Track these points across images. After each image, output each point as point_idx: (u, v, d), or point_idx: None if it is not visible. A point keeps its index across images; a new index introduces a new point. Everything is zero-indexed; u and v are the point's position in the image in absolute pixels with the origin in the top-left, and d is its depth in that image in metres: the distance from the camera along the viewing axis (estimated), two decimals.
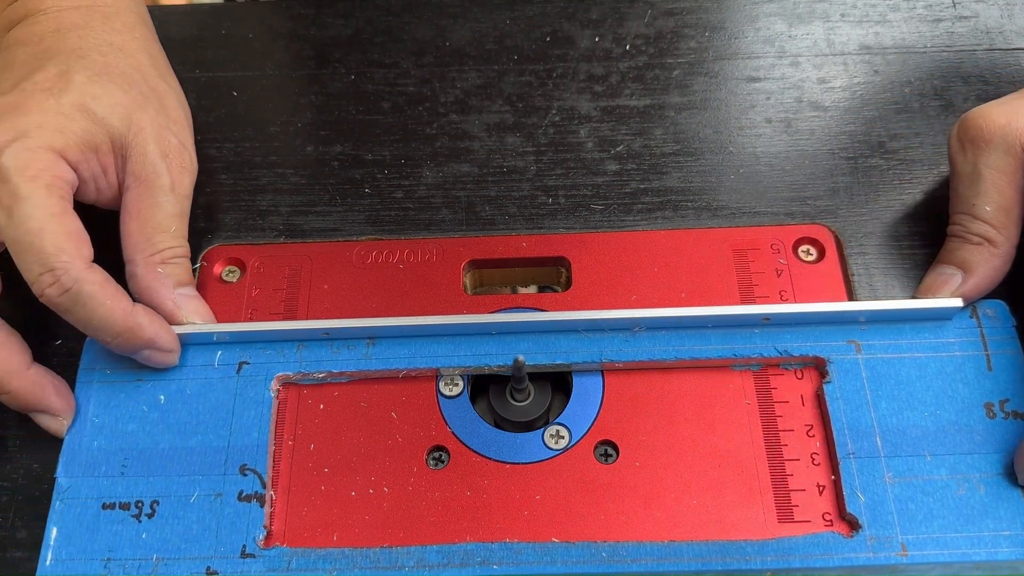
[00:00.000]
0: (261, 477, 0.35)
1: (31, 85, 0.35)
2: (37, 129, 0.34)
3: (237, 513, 0.34)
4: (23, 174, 0.33)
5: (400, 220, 0.42)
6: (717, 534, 0.33)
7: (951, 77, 0.45)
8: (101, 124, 0.36)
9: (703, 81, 0.46)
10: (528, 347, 0.37)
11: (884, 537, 0.33)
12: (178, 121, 0.40)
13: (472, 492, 0.35)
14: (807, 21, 0.48)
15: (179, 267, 0.37)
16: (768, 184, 0.42)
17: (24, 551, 0.34)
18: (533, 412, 0.37)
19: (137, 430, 0.36)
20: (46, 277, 0.33)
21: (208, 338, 0.37)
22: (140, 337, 0.35)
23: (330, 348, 0.37)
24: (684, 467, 0.35)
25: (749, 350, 0.36)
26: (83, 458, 0.35)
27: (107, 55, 0.38)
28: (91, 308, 0.33)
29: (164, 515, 0.34)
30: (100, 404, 0.36)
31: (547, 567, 0.32)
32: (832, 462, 0.34)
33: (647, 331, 0.37)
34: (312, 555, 0.33)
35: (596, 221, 0.41)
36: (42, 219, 0.33)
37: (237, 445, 0.35)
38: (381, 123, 0.45)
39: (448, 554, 0.33)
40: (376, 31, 0.48)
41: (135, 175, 0.36)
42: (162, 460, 0.35)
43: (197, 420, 0.36)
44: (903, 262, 0.40)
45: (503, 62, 0.47)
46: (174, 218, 0.37)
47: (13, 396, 0.34)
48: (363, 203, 0.42)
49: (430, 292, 0.39)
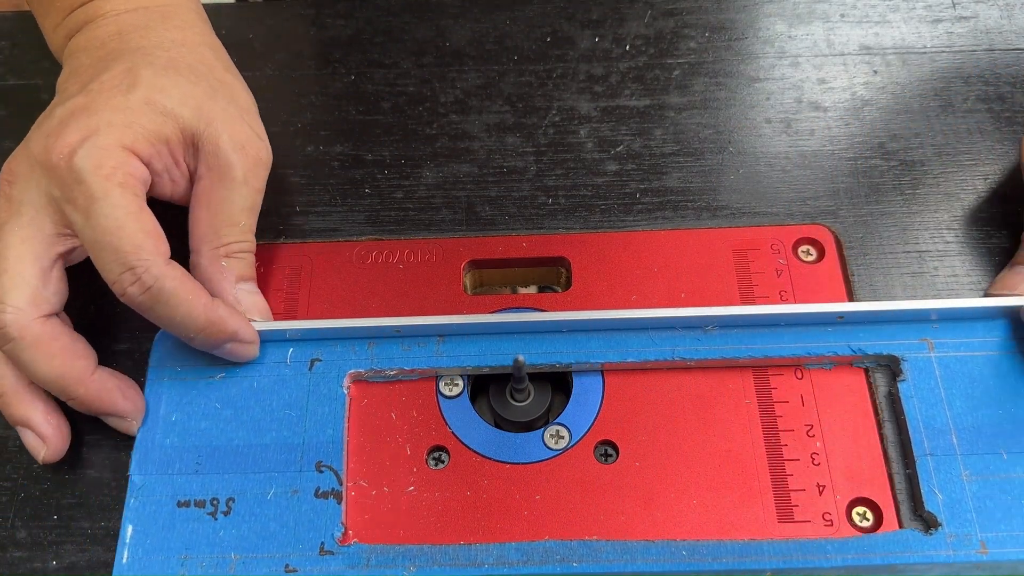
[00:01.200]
0: (337, 474, 0.34)
1: (98, 85, 0.35)
2: (107, 127, 0.34)
3: (314, 510, 0.34)
4: (97, 173, 0.33)
5: (400, 220, 0.42)
6: (717, 534, 0.33)
7: (951, 77, 0.45)
8: (171, 116, 0.35)
9: (703, 81, 0.46)
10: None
11: (963, 535, 0.33)
12: (249, 111, 0.39)
13: (472, 492, 0.35)
14: (807, 21, 0.48)
15: (243, 262, 0.37)
16: (768, 184, 0.42)
17: (24, 551, 0.34)
18: (533, 412, 0.37)
19: (210, 427, 0.36)
20: (127, 276, 0.32)
21: (281, 335, 0.37)
22: (223, 331, 0.35)
23: (401, 345, 0.37)
24: (684, 467, 0.35)
25: (824, 348, 0.36)
26: (156, 456, 0.35)
27: (171, 51, 0.38)
28: (173, 305, 0.33)
29: (240, 512, 0.34)
30: (171, 402, 0.36)
31: (627, 565, 0.32)
32: (908, 460, 0.34)
33: (718, 329, 0.37)
34: (391, 551, 0.33)
35: (596, 221, 0.41)
36: (120, 218, 0.32)
37: (312, 442, 0.35)
38: (381, 123, 0.45)
39: (528, 551, 0.33)
40: (376, 31, 0.48)
41: (207, 165, 0.36)
42: (237, 457, 0.35)
43: (271, 417, 0.36)
44: (903, 262, 0.40)
45: (503, 62, 0.47)
46: (244, 212, 0.37)
47: (79, 401, 0.34)
48: (363, 203, 0.42)
49: (430, 292, 0.39)
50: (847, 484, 0.34)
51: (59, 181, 0.33)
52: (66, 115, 0.34)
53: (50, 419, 0.35)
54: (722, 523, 0.34)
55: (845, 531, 0.33)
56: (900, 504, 0.34)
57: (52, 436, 0.35)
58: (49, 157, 0.33)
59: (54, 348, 0.33)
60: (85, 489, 0.36)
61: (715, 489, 0.34)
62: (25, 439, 0.35)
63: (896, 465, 0.35)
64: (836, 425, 0.35)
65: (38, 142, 0.34)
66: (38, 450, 0.35)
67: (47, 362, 0.33)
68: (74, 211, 0.33)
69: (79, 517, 0.35)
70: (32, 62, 0.48)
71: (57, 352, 0.33)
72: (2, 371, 0.34)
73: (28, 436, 0.35)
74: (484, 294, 0.40)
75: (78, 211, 0.33)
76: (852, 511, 0.34)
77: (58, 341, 0.33)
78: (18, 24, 0.50)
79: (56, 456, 0.35)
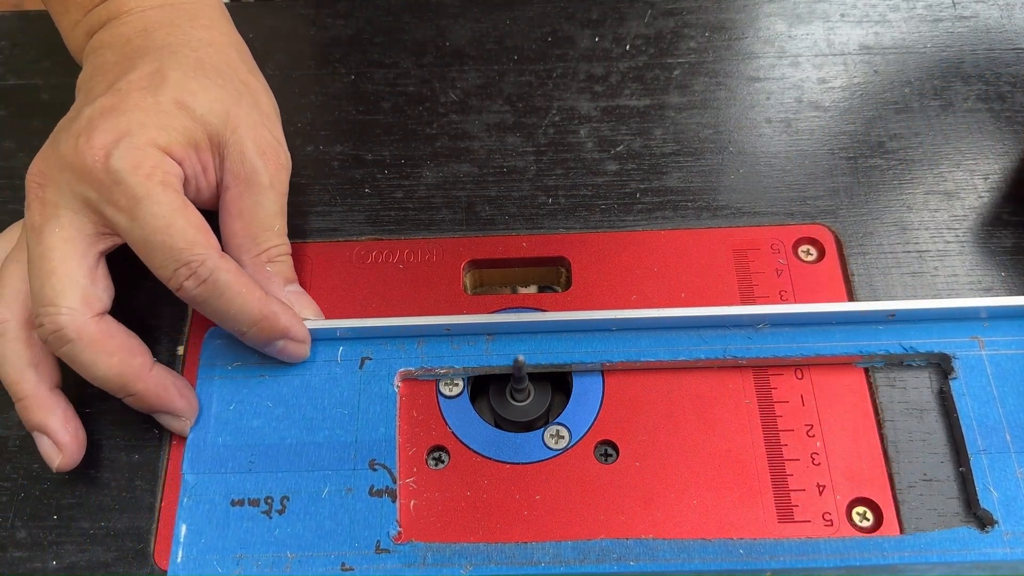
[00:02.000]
0: (391, 472, 0.34)
1: (126, 84, 0.35)
2: (139, 127, 0.33)
3: (369, 508, 0.34)
4: (137, 173, 0.32)
5: (400, 220, 0.42)
6: (717, 534, 0.33)
7: (951, 77, 0.45)
8: (200, 121, 0.35)
9: (703, 81, 0.46)
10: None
11: (1019, 532, 0.33)
12: (271, 117, 0.39)
13: (472, 492, 0.35)
14: (807, 21, 0.48)
15: (284, 264, 0.37)
16: (768, 184, 0.42)
17: (24, 551, 0.34)
18: (533, 412, 0.37)
19: (263, 425, 0.36)
20: (182, 271, 0.32)
21: (331, 333, 0.37)
22: (276, 326, 0.35)
23: (450, 344, 0.37)
24: (684, 467, 0.35)
25: (875, 347, 0.36)
26: (208, 454, 0.35)
27: (198, 50, 0.37)
28: (228, 298, 0.33)
29: (295, 511, 0.34)
30: (223, 400, 0.36)
31: (684, 564, 0.32)
32: (961, 458, 0.34)
33: (770, 327, 0.37)
34: (447, 550, 0.33)
35: (596, 221, 0.41)
36: (167, 215, 0.32)
37: (365, 440, 0.35)
38: (381, 123, 0.45)
39: (584, 550, 0.33)
40: (376, 31, 0.48)
41: (234, 174, 0.36)
42: (290, 455, 0.35)
43: (323, 415, 0.36)
44: (903, 262, 0.40)
45: (503, 62, 0.47)
46: (276, 216, 0.37)
47: (138, 398, 0.34)
48: (363, 203, 0.42)
49: (430, 292, 0.39)
50: (847, 484, 0.34)
51: (96, 184, 0.33)
52: (95, 115, 0.34)
53: (68, 426, 0.34)
54: (722, 523, 0.34)
55: (845, 531, 0.33)
56: (953, 502, 0.34)
57: (69, 444, 0.34)
58: (83, 160, 0.33)
59: (112, 346, 0.33)
60: (85, 489, 0.36)
61: (715, 489, 0.34)
62: (41, 445, 0.34)
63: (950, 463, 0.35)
64: (836, 425, 0.35)
65: (68, 143, 0.33)
66: (53, 458, 0.34)
67: (106, 360, 0.33)
68: (117, 212, 0.33)
69: (79, 517, 0.35)
70: (32, 62, 0.48)
71: (115, 350, 0.33)
72: (25, 374, 0.34)
73: (44, 443, 0.34)
74: (484, 294, 0.40)
75: (122, 212, 0.32)
76: (852, 511, 0.34)
77: (114, 339, 0.33)
78: (18, 24, 0.50)
79: (70, 465, 0.34)
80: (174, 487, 0.35)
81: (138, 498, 0.35)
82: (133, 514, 0.35)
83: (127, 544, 0.35)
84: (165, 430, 0.36)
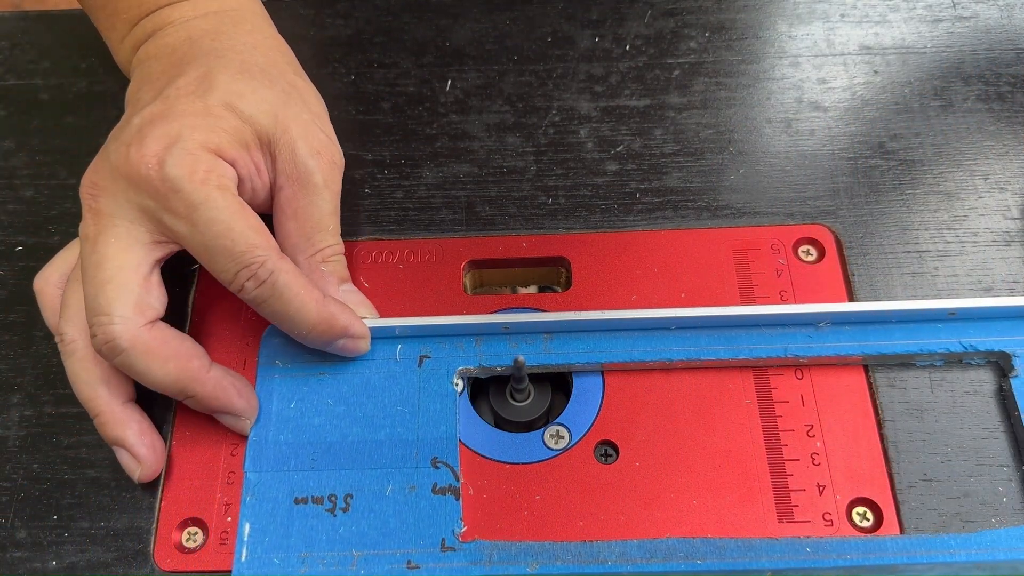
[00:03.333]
0: (454, 470, 0.34)
1: (174, 91, 0.35)
2: (190, 131, 0.33)
3: (433, 506, 0.34)
4: (192, 179, 0.32)
5: (400, 220, 0.42)
6: (717, 534, 0.33)
7: (951, 77, 0.45)
8: (249, 122, 0.35)
9: (703, 81, 0.46)
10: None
11: None
12: (320, 116, 0.39)
13: (472, 492, 0.35)
14: (807, 21, 0.48)
15: (339, 264, 0.37)
16: (768, 184, 0.42)
17: (24, 551, 0.34)
18: (533, 412, 0.37)
19: (324, 423, 0.35)
20: (243, 274, 0.33)
21: (390, 331, 0.37)
22: (335, 327, 0.35)
23: (508, 342, 0.37)
24: (684, 467, 0.35)
25: (935, 345, 0.36)
26: (271, 452, 0.35)
27: (243, 54, 0.37)
28: (287, 299, 0.33)
29: (359, 509, 0.34)
30: (283, 399, 0.36)
31: (752, 563, 0.32)
32: (1022, 457, 0.35)
33: (831, 326, 0.37)
34: (512, 548, 0.33)
35: (596, 221, 0.41)
36: (226, 220, 0.32)
37: (426, 438, 0.35)
38: (381, 123, 0.45)
39: (650, 549, 0.32)
40: (376, 31, 0.48)
41: (286, 174, 0.36)
42: (352, 453, 0.35)
43: (384, 413, 0.36)
44: (903, 262, 0.40)
45: (503, 62, 0.47)
46: (330, 216, 0.37)
47: (197, 400, 0.34)
48: (363, 203, 0.42)
49: (430, 292, 0.39)
50: (847, 484, 0.34)
51: (152, 192, 0.33)
52: (144, 123, 0.34)
53: (144, 439, 0.34)
54: (722, 523, 0.34)
55: (845, 531, 0.33)
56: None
57: (146, 456, 0.34)
58: (137, 169, 0.33)
59: (167, 352, 0.33)
60: (85, 489, 0.36)
61: (715, 489, 0.34)
62: (120, 458, 0.35)
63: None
64: (836, 425, 0.35)
65: (119, 153, 0.33)
66: (133, 470, 0.34)
67: (162, 367, 0.33)
68: (176, 220, 0.33)
69: (79, 517, 0.35)
70: (32, 62, 0.48)
71: (171, 356, 0.33)
72: (98, 391, 0.34)
73: (123, 455, 0.34)
74: (484, 294, 0.40)
75: (180, 219, 0.33)
76: (852, 511, 0.34)
77: (168, 345, 0.33)
78: (18, 24, 0.50)
79: (151, 476, 0.35)
80: (174, 487, 0.35)
81: (138, 498, 0.35)
82: (133, 514, 0.35)
83: (127, 544, 0.35)
84: (165, 430, 0.36)
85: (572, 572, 0.32)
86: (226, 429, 0.36)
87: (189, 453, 0.36)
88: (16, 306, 0.40)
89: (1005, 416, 0.36)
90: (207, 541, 0.34)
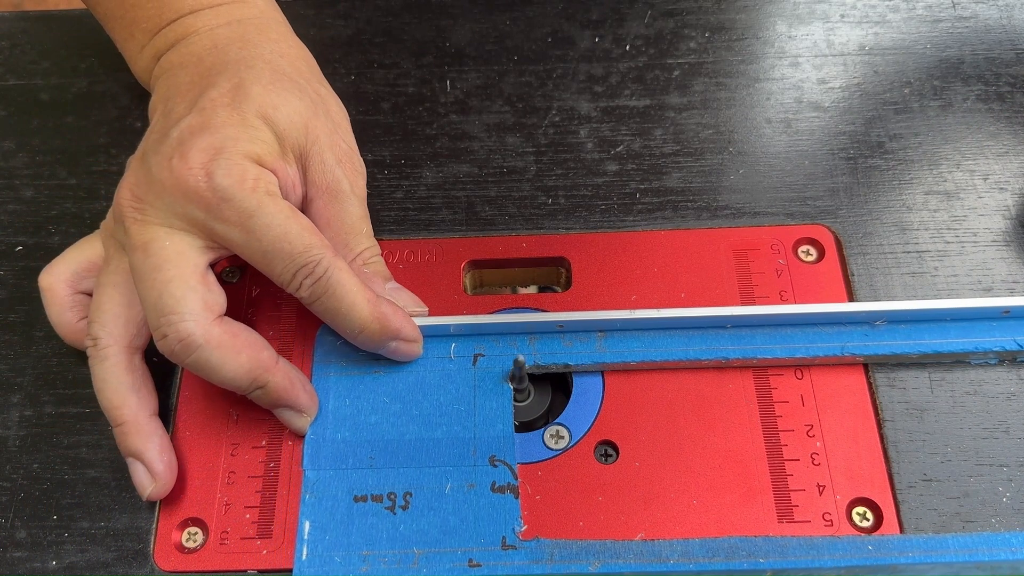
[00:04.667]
0: (512, 468, 0.34)
1: (209, 103, 0.35)
2: (232, 142, 0.33)
3: (492, 504, 0.34)
4: (242, 188, 0.33)
5: (400, 220, 0.42)
6: (718, 534, 0.33)
7: (951, 77, 0.45)
8: (283, 135, 0.35)
9: (703, 81, 0.46)
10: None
11: None
12: (342, 125, 0.39)
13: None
14: (807, 21, 0.48)
15: (380, 264, 0.37)
16: (768, 184, 0.42)
17: (24, 551, 0.34)
18: (533, 412, 0.37)
19: (381, 421, 0.36)
20: (301, 272, 0.33)
21: (444, 330, 0.37)
22: (388, 327, 0.35)
23: (562, 340, 0.37)
24: (684, 467, 0.35)
25: (989, 344, 0.36)
26: (329, 451, 0.35)
27: (272, 63, 0.37)
28: (340, 294, 0.33)
29: (419, 507, 0.34)
30: (339, 397, 0.36)
31: (814, 561, 0.32)
32: None
33: (886, 323, 0.37)
34: (573, 547, 0.33)
35: (596, 221, 0.41)
36: (281, 224, 0.33)
37: (483, 436, 0.35)
38: (381, 123, 0.45)
39: (713, 548, 0.32)
40: (376, 31, 0.48)
41: (317, 185, 0.36)
42: (410, 451, 0.35)
43: (440, 411, 0.36)
44: (903, 262, 0.40)
45: (503, 62, 0.47)
46: (363, 220, 0.37)
47: (267, 391, 0.34)
48: None
49: (430, 292, 0.39)
50: (847, 484, 0.34)
51: (202, 203, 0.33)
52: (184, 136, 0.34)
53: (163, 456, 0.34)
54: (722, 523, 0.34)
55: (845, 531, 0.33)
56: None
57: (162, 474, 0.34)
58: (184, 181, 0.32)
59: (239, 344, 0.33)
60: (85, 489, 0.36)
61: (715, 489, 0.34)
62: (134, 473, 0.34)
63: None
64: (836, 425, 0.35)
65: (161, 166, 0.33)
66: (146, 486, 0.34)
67: (235, 359, 0.33)
68: (229, 228, 0.33)
69: (79, 517, 0.35)
70: (32, 62, 0.48)
71: (243, 347, 0.33)
72: (126, 399, 0.34)
73: (138, 470, 0.34)
74: (484, 294, 0.40)
75: (234, 227, 0.33)
76: (852, 511, 0.34)
77: (240, 337, 0.33)
78: (18, 24, 0.50)
79: (161, 495, 0.34)
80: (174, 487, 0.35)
81: (138, 498, 0.35)
82: (133, 514, 0.35)
83: (127, 544, 0.35)
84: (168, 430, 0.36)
85: (634, 570, 0.32)
86: (226, 429, 0.36)
87: (189, 453, 0.36)
88: (16, 306, 0.40)
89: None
90: (207, 541, 0.34)
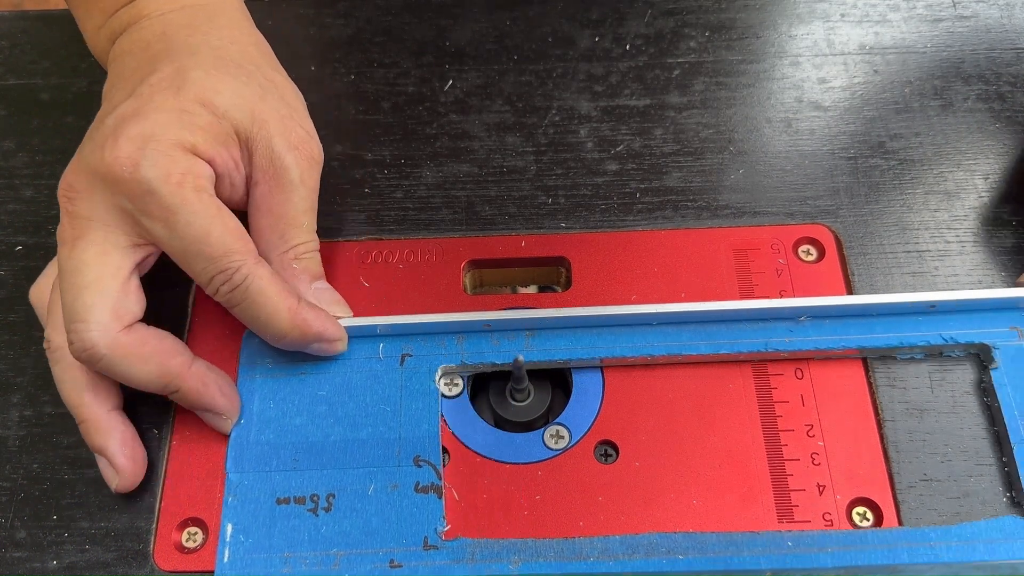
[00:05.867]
0: (436, 468, 0.34)
1: (147, 88, 0.34)
2: (163, 129, 0.33)
3: (415, 505, 0.34)
4: (168, 182, 0.32)
5: (400, 220, 0.42)
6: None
7: (951, 77, 0.45)
8: (225, 118, 0.35)
9: (703, 81, 0.46)
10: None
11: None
12: (298, 110, 0.39)
13: (472, 492, 0.35)
14: (807, 21, 0.48)
15: (312, 261, 0.37)
16: (768, 184, 0.42)
17: (24, 551, 0.34)
18: (533, 412, 0.37)
19: (306, 423, 0.35)
20: (219, 278, 0.33)
21: (371, 330, 0.37)
22: (308, 333, 0.35)
23: (490, 339, 0.37)
24: (684, 467, 0.35)
25: (916, 338, 0.36)
26: (252, 452, 0.35)
27: (218, 49, 0.37)
28: (260, 304, 0.33)
29: (342, 508, 0.34)
30: (264, 398, 0.36)
31: (731, 558, 0.32)
32: (1004, 448, 0.35)
33: (809, 320, 0.37)
34: (495, 545, 0.33)
35: (596, 221, 0.41)
36: (204, 224, 0.32)
37: (408, 437, 0.35)
38: (381, 123, 0.45)
39: (633, 544, 0.33)
40: (376, 31, 0.48)
41: (262, 170, 0.36)
42: (334, 453, 0.35)
43: (366, 412, 0.36)
44: (903, 262, 0.40)
45: (503, 62, 0.47)
46: (305, 212, 0.37)
47: (182, 395, 0.34)
48: (363, 203, 0.42)
49: (430, 292, 0.39)
50: (847, 484, 0.34)
51: (128, 194, 0.32)
52: (117, 123, 0.33)
53: (125, 449, 0.34)
54: (722, 523, 0.34)
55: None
56: (991, 493, 0.34)
57: (125, 466, 0.34)
58: (112, 170, 0.32)
59: (146, 352, 0.33)
60: (85, 489, 0.36)
61: (715, 489, 0.34)
62: (101, 467, 0.35)
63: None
64: (836, 425, 0.35)
65: (93, 153, 0.33)
66: (111, 479, 0.34)
67: (142, 367, 0.33)
68: (153, 223, 0.33)
69: (79, 517, 0.35)
70: (32, 62, 0.48)
71: (150, 355, 0.33)
72: (84, 397, 0.34)
73: (103, 464, 0.35)
74: (484, 294, 0.40)
75: (157, 223, 0.32)
76: (852, 511, 0.34)
77: (147, 345, 0.33)
78: (18, 24, 0.50)
79: (128, 487, 0.34)
80: (174, 487, 0.35)
81: (138, 498, 0.35)
82: (133, 514, 0.35)
83: (127, 544, 0.35)
84: (165, 430, 0.36)
85: (554, 570, 0.32)
86: None
87: (189, 453, 0.36)
88: (16, 306, 0.40)
89: (985, 409, 0.36)
90: (207, 541, 0.34)
